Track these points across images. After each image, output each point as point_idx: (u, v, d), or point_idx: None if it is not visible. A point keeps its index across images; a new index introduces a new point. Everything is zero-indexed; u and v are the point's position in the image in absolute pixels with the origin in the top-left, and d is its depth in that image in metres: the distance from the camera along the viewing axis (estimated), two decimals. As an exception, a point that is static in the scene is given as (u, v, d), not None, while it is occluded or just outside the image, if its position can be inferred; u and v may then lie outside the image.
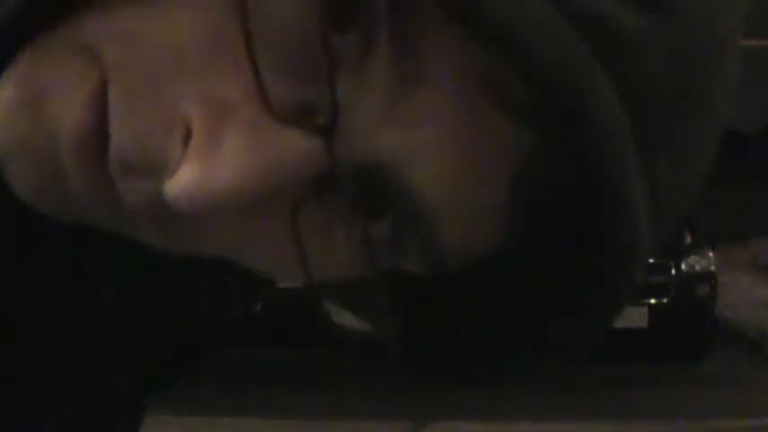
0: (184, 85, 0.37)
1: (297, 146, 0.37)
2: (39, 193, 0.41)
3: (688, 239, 7.92)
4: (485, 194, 0.39)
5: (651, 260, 0.44)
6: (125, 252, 0.45)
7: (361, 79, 0.37)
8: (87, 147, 0.39)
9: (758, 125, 10.33)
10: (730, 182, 9.29)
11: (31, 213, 0.42)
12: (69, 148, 0.39)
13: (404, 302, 0.42)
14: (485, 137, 0.38)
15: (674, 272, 7.73)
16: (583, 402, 6.23)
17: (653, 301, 7.54)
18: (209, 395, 5.41)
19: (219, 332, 0.57)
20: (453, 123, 0.37)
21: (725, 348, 8.31)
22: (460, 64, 0.37)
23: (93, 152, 0.39)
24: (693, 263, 8.04)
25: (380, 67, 0.37)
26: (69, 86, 0.39)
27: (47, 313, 0.49)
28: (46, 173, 0.40)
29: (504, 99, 0.37)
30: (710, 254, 8.20)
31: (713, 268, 8.23)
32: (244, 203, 0.37)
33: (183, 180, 0.37)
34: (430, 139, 0.37)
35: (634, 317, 7.32)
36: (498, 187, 0.39)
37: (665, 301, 7.66)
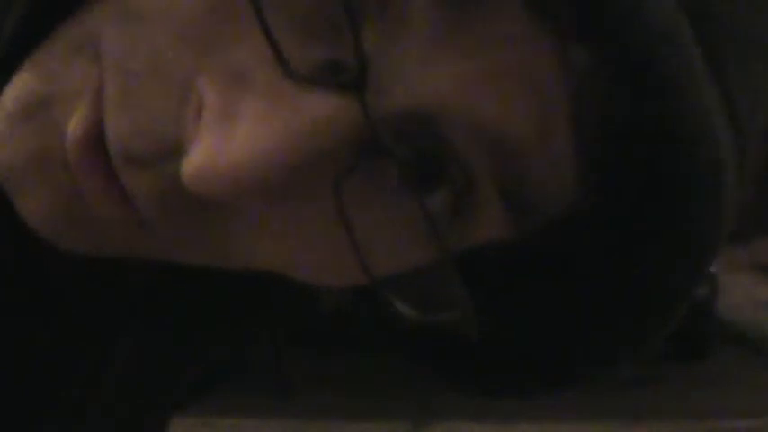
0: (193, 57, 0.34)
1: (323, 106, 0.33)
2: (55, 221, 0.38)
3: (688, 240, 7.90)
4: (545, 134, 0.35)
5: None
6: (150, 285, 0.43)
7: (389, 25, 0.34)
8: (91, 147, 0.37)
9: (758, 125, 10.32)
10: (730, 182, 9.27)
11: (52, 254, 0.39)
12: (75, 151, 0.37)
13: (479, 293, 0.38)
14: (535, 68, 0.34)
15: (674, 272, 7.70)
16: (583, 402, 6.21)
17: (653, 301, 7.51)
18: (209, 395, 5.40)
19: (250, 353, 0.56)
20: (498, 58, 0.34)
21: (725, 348, 8.28)
22: None
23: (99, 153, 0.36)
24: (694, 263, 8.00)
25: (412, 6, 0.34)
26: (73, 87, 0.37)
27: (81, 327, 0.48)
28: (58, 189, 0.37)
29: (550, 20, 0.34)
30: (711, 254, 8.16)
31: (713, 269, 8.20)
32: (272, 179, 0.33)
33: (196, 157, 0.33)
34: (473, 77, 0.33)
35: (634, 317, 7.29)
36: (559, 123, 0.35)
37: (665, 301, 7.63)
